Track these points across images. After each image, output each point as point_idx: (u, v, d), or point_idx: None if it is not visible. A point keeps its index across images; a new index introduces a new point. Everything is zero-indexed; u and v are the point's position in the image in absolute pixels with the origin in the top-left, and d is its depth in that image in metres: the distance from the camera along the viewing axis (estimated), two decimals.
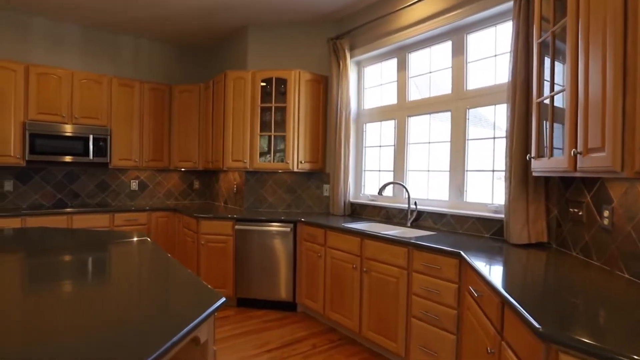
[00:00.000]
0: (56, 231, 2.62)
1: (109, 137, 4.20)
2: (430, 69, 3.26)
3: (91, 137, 4.08)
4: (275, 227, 3.57)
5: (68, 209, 3.86)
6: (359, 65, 3.98)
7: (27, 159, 3.80)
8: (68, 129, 3.98)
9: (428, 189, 3.27)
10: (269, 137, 3.95)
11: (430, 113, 3.22)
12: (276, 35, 4.25)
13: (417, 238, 2.52)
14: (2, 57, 3.95)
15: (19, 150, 3.81)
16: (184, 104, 4.63)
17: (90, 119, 4.15)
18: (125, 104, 4.35)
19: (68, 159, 3.99)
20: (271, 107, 3.93)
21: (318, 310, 3.29)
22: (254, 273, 3.62)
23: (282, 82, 3.93)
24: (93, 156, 4.10)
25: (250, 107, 3.93)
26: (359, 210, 3.82)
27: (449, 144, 3.04)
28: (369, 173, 3.93)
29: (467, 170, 2.91)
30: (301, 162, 3.93)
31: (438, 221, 3.03)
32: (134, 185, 4.72)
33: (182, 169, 4.91)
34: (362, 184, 3.96)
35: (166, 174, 4.94)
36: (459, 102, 2.95)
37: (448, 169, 3.05)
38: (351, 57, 3.84)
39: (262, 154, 4.05)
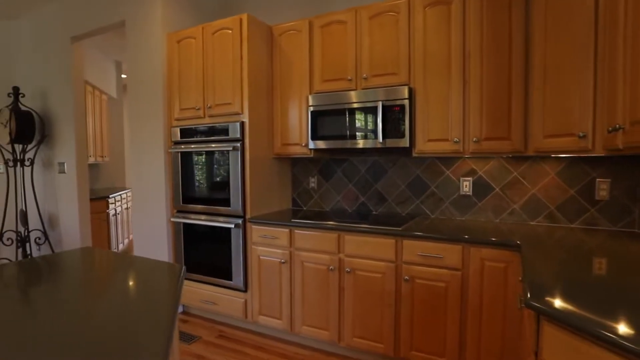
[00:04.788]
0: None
1: (407, 102, 2.41)
2: None
3: (380, 105, 2.46)
4: None
5: (341, 223, 2.47)
6: None
7: (310, 146, 2.76)
8: (354, 98, 2.57)
9: None
10: None
11: None
12: None
13: None
14: (297, 17, 3.15)
15: (305, 136, 2.85)
16: (555, 11, 2.00)
17: (383, 76, 2.54)
18: (435, 41, 2.39)
19: (350, 144, 2.60)
20: None
21: None
22: None
23: None
24: (383, 137, 2.48)
25: None
26: None
27: None
28: None
29: None
30: None
31: None
32: (466, 186, 2.66)
33: (560, 155, 2.28)
34: None
35: (528, 165, 2.48)
36: None
37: None
38: None
39: None
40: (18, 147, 4.32)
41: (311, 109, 2.72)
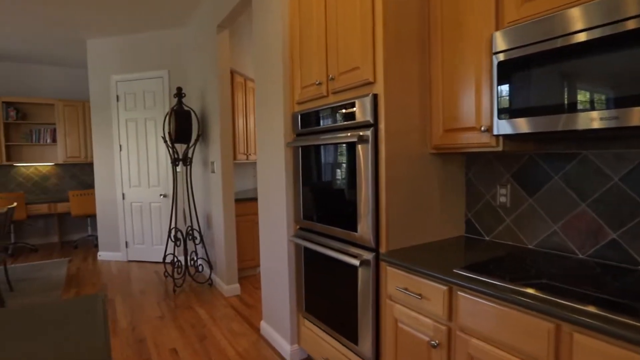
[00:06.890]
0: None
1: None
2: None
3: None
4: None
5: (559, 299, 1.11)
6: None
7: (495, 131, 1.46)
8: (592, 19, 1.15)
9: None
10: None
11: None
12: None
13: None
14: None
15: (487, 113, 1.56)
16: None
17: None
18: None
19: (581, 121, 1.18)
20: None
21: None
22: None
23: None
24: None
25: None
26: None
27: None
28: None
29: None
30: None
31: None
32: None
33: None
34: None
35: None
36: None
37: None
38: None
39: None
40: (181, 147, 4.43)
41: (500, 57, 1.42)
